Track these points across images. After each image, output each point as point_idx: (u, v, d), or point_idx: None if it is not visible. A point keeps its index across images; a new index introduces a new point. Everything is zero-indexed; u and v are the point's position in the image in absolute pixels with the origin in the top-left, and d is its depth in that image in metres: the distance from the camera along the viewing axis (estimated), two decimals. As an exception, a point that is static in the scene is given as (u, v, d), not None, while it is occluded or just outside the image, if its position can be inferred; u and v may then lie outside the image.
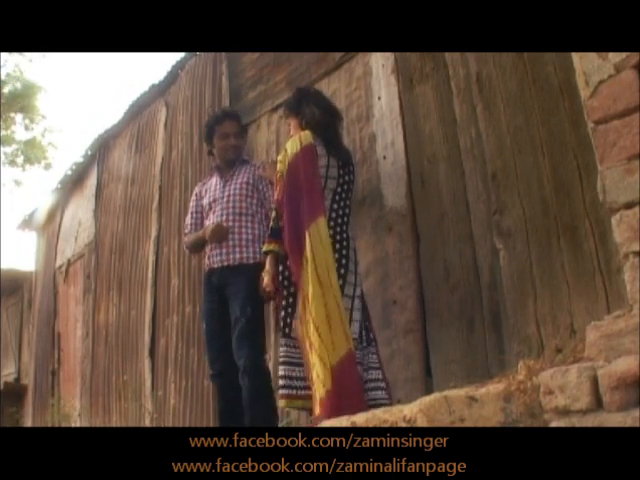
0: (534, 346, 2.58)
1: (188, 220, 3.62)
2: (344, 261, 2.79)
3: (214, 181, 3.54)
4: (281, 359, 2.78)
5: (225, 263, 3.28)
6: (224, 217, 3.32)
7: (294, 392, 2.73)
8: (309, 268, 2.66)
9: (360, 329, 2.77)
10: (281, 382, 2.76)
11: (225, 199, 3.37)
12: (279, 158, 2.96)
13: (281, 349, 2.80)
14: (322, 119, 2.99)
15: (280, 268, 2.85)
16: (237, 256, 3.26)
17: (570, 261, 2.54)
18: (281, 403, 2.80)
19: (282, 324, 2.80)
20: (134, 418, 5.16)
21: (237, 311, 3.14)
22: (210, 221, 3.39)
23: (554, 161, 2.64)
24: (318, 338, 2.55)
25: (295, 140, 2.91)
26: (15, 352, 9.06)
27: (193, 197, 3.67)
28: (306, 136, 2.90)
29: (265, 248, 2.90)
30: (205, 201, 3.51)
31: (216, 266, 3.31)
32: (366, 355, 2.77)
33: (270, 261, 2.87)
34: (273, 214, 2.90)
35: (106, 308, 6.16)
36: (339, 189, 2.91)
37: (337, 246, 2.79)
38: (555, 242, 2.60)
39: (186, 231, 3.63)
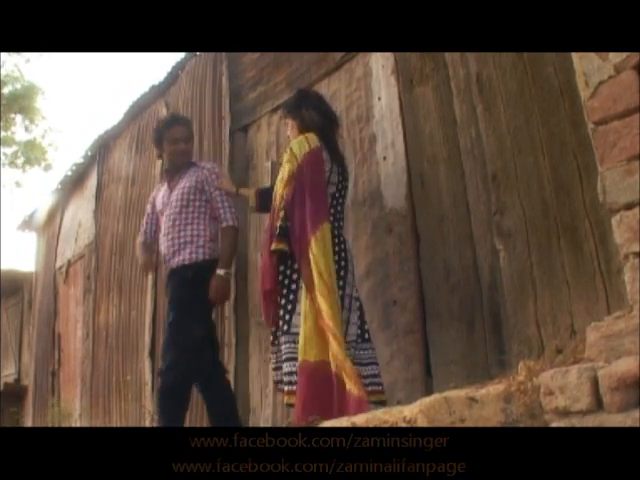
0: (534, 347, 2.57)
1: (144, 221, 3.79)
2: (343, 263, 2.81)
3: (165, 187, 3.65)
4: (285, 356, 2.78)
5: (169, 269, 3.47)
6: (170, 223, 3.44)
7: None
8: (314, 271, 2.67)
9: (357, 330, 2.79)
10: (286, 378, 2.76)
11: (172, 204, 3.48)
12: (285, 158, 2.94)
13: (283, 347, 2.79)
14: (321, 124, 2.99)
15: (281, 268, 2.85)
16: (176, 259, 3.40)
17: (570, 262, 2.54)
18: (287, 399, 2.78)
19: (282, 322, 2.80)
20: (134, 419, 5.16)
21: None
22: (161, 228, 3.53)
23: (554, 161, 2.64)
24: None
25: (303, 141, 2.89)
26: (15, 353, 9.06)
27: (150, 200, 3.80)
28: (313, 138, 2.89)
29: (274, 247, 2.83)
30: (158, 207, 3.64)
31: (165, 274, 3.56)
32: (362, 351, 2.78)
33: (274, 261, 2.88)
34: (282, 213, 2.85)
35: (106, 309, 6.16)
36: (337, 194, 2.93)
37: (336, 248, 2.81)
38: (555, 243, 2.60)
39: (141, 230, 3.80)
